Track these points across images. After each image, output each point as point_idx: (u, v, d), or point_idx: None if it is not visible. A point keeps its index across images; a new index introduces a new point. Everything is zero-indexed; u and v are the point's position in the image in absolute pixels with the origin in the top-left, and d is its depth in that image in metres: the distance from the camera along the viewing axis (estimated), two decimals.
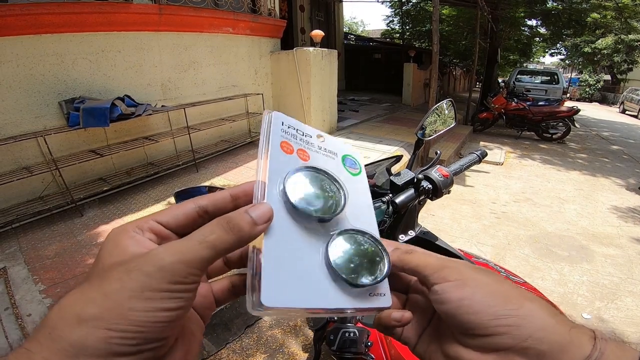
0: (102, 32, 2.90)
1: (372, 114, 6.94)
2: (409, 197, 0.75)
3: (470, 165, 0.90)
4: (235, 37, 4.12)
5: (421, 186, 0.77)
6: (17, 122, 2.53)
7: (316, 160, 0.33)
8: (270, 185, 0.28)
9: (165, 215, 0.25)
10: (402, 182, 0.78)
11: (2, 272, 2.06)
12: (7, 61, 2.44)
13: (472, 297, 0.24)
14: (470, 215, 3.39)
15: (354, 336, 0.59)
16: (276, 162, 0.29)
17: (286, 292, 0.24)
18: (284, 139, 0.31)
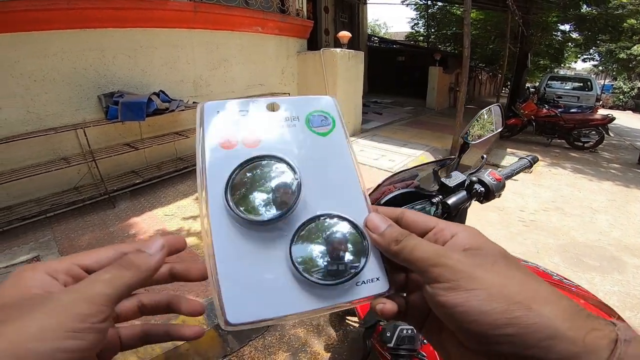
0: (141, 28, 3.02)
1: (395, 117, 6.88)
2: (462, 198, 0.74)
3: (521, 170, 0.87)
4: (264, 37, 4.19)
5: (474, 189, 0.75)
6: (58, 114, 2.67)
7: (269, 140, 0.28)
8: (212, 194, 0.25)
9: (88, 259, 0.24)
10: (453, 184, 0.77)
11: (35, 260, 2.10)
12: (53, 54, 2.57)
13: (467, 304, 0.21)
14: (497, 222, 3.30)
15: (412, 333, 0.59)
16: (215, 165, 0.26)
17: (252, 305, 0.24)
18: (222, 132, 0.27)
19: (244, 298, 0.24)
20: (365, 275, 0.26)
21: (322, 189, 0.27)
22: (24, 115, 2.52)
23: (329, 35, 7.43)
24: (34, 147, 2.55)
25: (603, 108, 14.64)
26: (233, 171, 0.26)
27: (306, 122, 0.29)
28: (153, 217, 2.63)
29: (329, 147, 0.29)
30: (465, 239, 0.25)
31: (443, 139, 5.24)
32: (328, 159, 0.29)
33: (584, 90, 8.91)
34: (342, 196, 0.27)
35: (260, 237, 0.25)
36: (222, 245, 0.24)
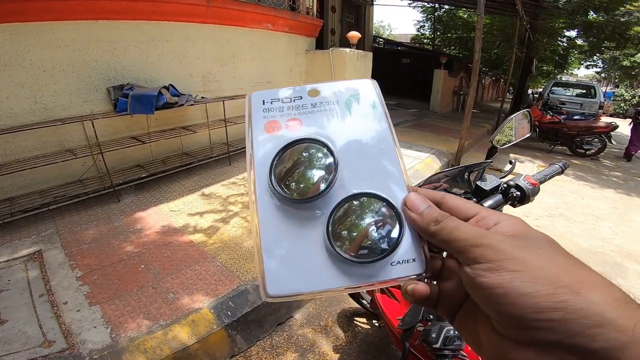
0: (154, 21, 3.00)
1: (400, 119, 6.88)
2: (497, 202, 0.74)
3: (553, 175, 0.87)
4: (274, 34, 4.18)
5: (510, 192, 0.75)
6: (66, 105, 2.64)
7: (310, 123, 0.29)
8: (258, 175, 0.27)
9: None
10: (489, 187, 0.76)
11: (37, 255, 2.05)
12: (64, 45, 2.54)
13: (509, 285, 0.20)
14: None
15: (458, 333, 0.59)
16: (262, 148, 0.28)
17: (290, 279, 0.25)
18: (268, 119, 0.30)
19: (283, 273, 0.25)
20: (401, 256, 0.26)
21: (361, 169, 0.28)
22: (31, 105, 2.49)
23: (335, 35, 7.42)
24: (39, 138, 2.52)
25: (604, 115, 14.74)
26: (276, 154, 0.27)
27: (346, 106, 0.30)
28: (159, 212, 2.61)
29: (369, 128, 0.30)
30: (509, 227, 0.24)
31: (448, 142, 5.24)
32: (367, 140, 0.29)
33: (588, 97, 8.93)
34: (381, 177, 0.28)
35: (301, 215, 0.27)
36: (266, 223, 0.26)
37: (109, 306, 1.65)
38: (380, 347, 1.73)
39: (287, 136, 0.28)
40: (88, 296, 1.72)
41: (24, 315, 1.61)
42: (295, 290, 0.25)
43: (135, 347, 1.44)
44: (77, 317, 1.59)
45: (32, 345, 1.43)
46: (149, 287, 1.80)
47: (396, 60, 11.34)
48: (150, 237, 2.27)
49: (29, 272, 1.91)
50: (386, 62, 10.80)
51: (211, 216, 2.58)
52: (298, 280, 0.25)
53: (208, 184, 3.17)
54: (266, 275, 0.25)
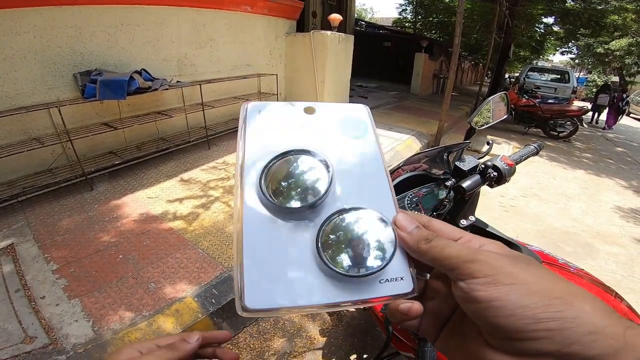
0: (124, 5, 2.84)
1: (381, 101, 6.91)
2: (476, 182, 0.75)
3: (528, 156, 0.89)
4: (252, 17, 4.04)
5: (487, 173, 0.76)
6: (29, 92, 2.47)
7: (305, 137, 0.29)
8: (247, 182, 0.27)
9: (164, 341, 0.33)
10: (468, 167, 0.77)
11: (10, 249, 1.98)
12: (24, 32, 2.37)
13: (505, 298, 0.20)
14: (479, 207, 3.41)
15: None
16: (253, 156, 0.28)
17: (271, 292, 0.24)
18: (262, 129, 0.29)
19: (265, 284, 0.24)
20: (390, 274, 0.26)
21: (352, 186, 0.28)
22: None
23: (316, 17, 7.23)
24: (3, 127, 2.37)
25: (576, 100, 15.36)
26: (269, 162, 0.27)
27: (340, 125, 0.31)
28: (135, 199, 2.53)
29: (361, 149, 0.30)
30: (495, 249, 0.24)
31: (428, 124, 5.31)
32: (359, 160, 0.30)
33: (562, 82, 9.21)
34: (371, 195, 0.28)
35: (290, 225, 0.26)
36: (252, 230, 0.25)
37: (88, 299, 1.61)
38: (365, 330, 1.78)
39: (281, 146, 0.28)
40: (66, 289, 1.66)
41: (2, 312, 1.55)
42: (277, 304, 0.24)
43: (120, 340, 1.41)
44: (57, 312, 1.54)
45: (13, 342, 1.39)
46: (129, 277, 1.76)
47: (378, 43, 11.27)
48: (127, 226, 2.21)
49: (2, 267, 1.83)
50: (368, 46, 10.72)
51: (191, 202, 2.53)
52: (280, 293, 0.24)
53: (187, 169, 3.09)
54: (246, 285, 0.23)
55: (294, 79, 4.74)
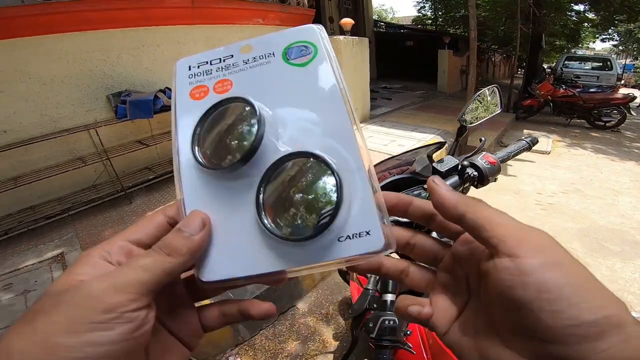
0: (142, 27, 3.06)
1: (405, 101, 6.78)
2: (453, 184, 0.73)
3: (518, 152, 0.85)
4: (265, 28, 4.16)
5: (466, 173, 0.74)
6: (70, 115, 2.76)
7: (241, 82, 0.26)
8: (182, 147, 0.25)
9: (137, 232, 0.24)
10: (445, 168, 0.75)
11: (60, 257, 2.21)
12: (58, 58, 2.64)
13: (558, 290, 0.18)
14: (513, 206, 3.22)
15: (394, 324, 0.58)
16: (186, 117, 0.26)
17: (223, 263, 0.23)
18: (194, 85, 0.27)
19: (216, 256, 0.23)
20: (352, 229, 0.21)
21: (301, 127, 0.24)
22: (38, 118, 2.61)
23: (333, 22, 7.30)
24: (51, 148, 2.65)
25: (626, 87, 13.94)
26: (198, 121, 0.25)
27: (282, 56, 0.26)
28: None
29: (309, 78, 0.25)
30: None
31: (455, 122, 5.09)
32: (307, 91, 0.25)
33: (604, 70, 8.69)
34: (326, 133, 0.24)
35: (231, 188, 0.23)
36: (193, 200, 0.24)
37: None
38: None
39: (215, 100, 0.25)
40: None
41: None
42: (229, 274, 0.22)
43: None
44: None
45: None
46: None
47: (400, 43, 11.08)
48: None
49: (53, 273, 2.07)
50: (390, 47, 10.59)
51: None
52: (231, 263, 0.23)
53: None
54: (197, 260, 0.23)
55: None
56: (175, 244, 0.21)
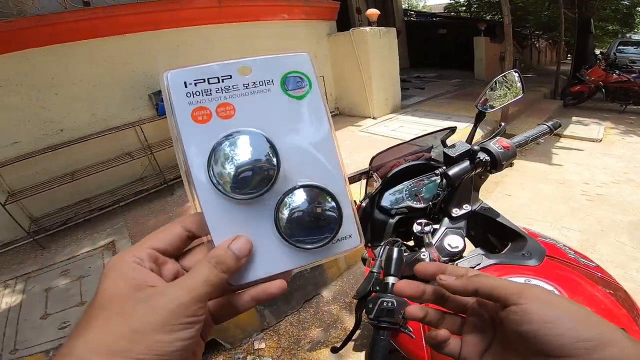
0: (174, 29, 3.24)
1: (440, 90, 6.54)
2: (464, 169, 0.72)
3: (538, 137, 0.81)
4: (291, 23, 4.20)
5: (477, 158, 0.73)
6: (117, 114, 3.01)
7: (244, 109, 0.28)
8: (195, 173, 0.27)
9: (160, 242, 0.27)
10: (456, 153, 0.75)
11: (111, 245, 2.45)
12: (103, 61, 2.89)
13: (556, 320, 0.25)
14: (556, 196, 3.01)
15: (392, 306, 0.58)
16: (192, 141, 0.27)
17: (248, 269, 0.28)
18: (194, 106, 0.27)
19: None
20: (341, 234, 0.29)
21: (300, 158, 0.29)
22: (90, 117, 2.90)
23: (361, 14, 7.17)
24: (102, 145, 2.92)
25: None
26: (212, 150, 0.26)
27: (281, 85, 0.29)
28: None
29: (306, 112, 0.29)
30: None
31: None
32: (305, 126, 0.29)
33: None
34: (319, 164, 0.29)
35: (248, 209, 0.28)
36: (214, 219, 0.27)
37: None
38: None
39: (220, 126, 0.27)
40: None
41: None
42: (254, 277, 0.28)
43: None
44: None
45: None
46: None
47: (432, 32, 10.63)
48: None
49: (104, 260, 2.29)
50: (421, 35, 10.21)
51: None
52: (255, 268, 0.28)
53: None
54: None
55: (341, 78, 4.78)
56: (229, 264, 0.26)
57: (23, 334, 1.76)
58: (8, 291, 2.15)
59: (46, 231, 2.66)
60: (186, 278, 0.25)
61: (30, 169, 2.66)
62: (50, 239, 2.66)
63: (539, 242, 0.74)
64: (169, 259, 0.28)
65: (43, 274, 2.26)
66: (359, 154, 3.46)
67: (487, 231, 0.83)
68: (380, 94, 4.56)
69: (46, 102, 2.70)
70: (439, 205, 0.79)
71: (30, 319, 1.85)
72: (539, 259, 0.68)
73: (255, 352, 1.68)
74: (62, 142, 2.73)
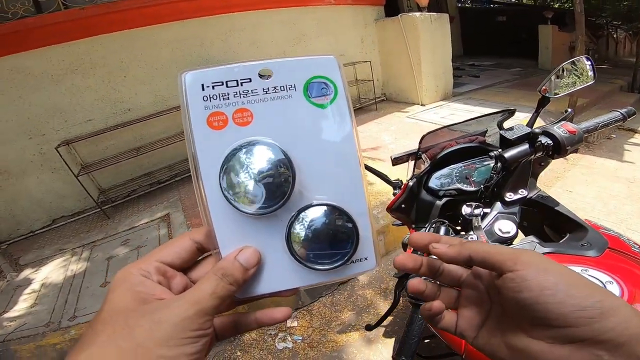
0: (227, 14, 3.40)
1: (497, 79, 6.09)
2: (522, 152, 0.69)
3: (609, 124, 0.75)
4: (338, 8, 4.19)
5: (538, 141, 0.69)
6: (176, 95, 3.19)
7: (262, 116, 0.26)
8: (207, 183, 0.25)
9: (168, 255, 0.27)
10: (514, 136, 0.72)
11: (166, 217, 2.65)
12: (165, 45, 3.12)
13: (555, 287, 0.23)
14: (624, 195, 2.69)
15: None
16: (206, 149, 0.25)
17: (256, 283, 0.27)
18: (210, 110, 0.25)
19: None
20: (357, 255, 0.28)
21: (319, 173, 0.27)
22: (153, 98, 3.16)
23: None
24: (163, 123, 3.18)
25: None
26: (225, 160, 0.25)
27: (304, 91, 0.26)
28: None
29: (329, 123, 0.27)
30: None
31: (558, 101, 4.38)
32: (327, 138, 0.27)
33: None
34: (339, 182, 0.27)
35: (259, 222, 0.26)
36: (223, 231, 0.26)
37: None
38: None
39: (236, 133, 0.25)
40: None
41: None
42: (259, 292, 0.27)
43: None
44: None
45: None
46: None
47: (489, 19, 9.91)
48: None
49: (160, 231, 2.49)
50: (477, 22, 9.54)
51: None
52: (263, 282, 0.27)
53: None
54: None
55: (389, 63, 4.67)
56: (236, 276, 0.25)
57: (83, 301, 1.90)
58: (75, 258, 2.38)
59: (112, 202, 2.97)
60: (192, 291, 0.24)
61: (100, 144, 2.99)
62: (115, 209, 2.96)
63: (603, 234, 0.70)
64: (178, 272, 0.27)
65: (106, 243, 2.49)
66: (406, 139, 3.39)
67: (543, 222, 0.79)
68: (430, 81, 4.39)
69: (116, 84, 3.00)
70: (492, 189, 0.77)
71: (92, 287, 2.01)
72: (600, 250, 0.64)
73: (287, 330, 1.74)
74: (129, 120, 3.02)
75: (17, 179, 2.76)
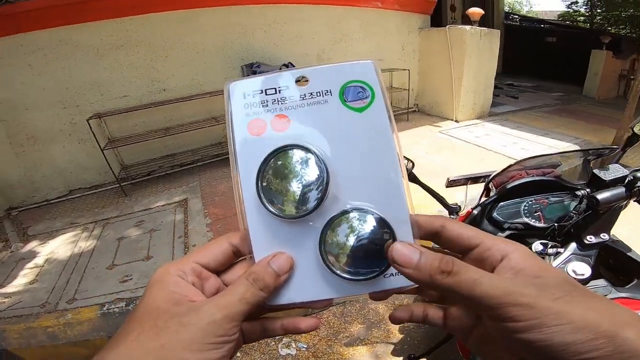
0: (274, 5, 3.38)
1: (537, 102, 5.85)
2: (617, 195, 0.61)
3: None
4: (384, 12, 4.11)
5: (637, 187, 0.61)
6: (212, 80, 3.27)
7: (299, 121, 0.26)
8: (245, 186, 0.26)
9: (205, 257, 0.26)
10: (609, 177, 0.64)
11: (184, 202, 2.62)
12: (211, 29, 3.14)
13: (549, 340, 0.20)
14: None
15: None
16: (245, 153, 0.26)
17: (286, 290, 0.26)
18: (251, 118, 0.26)
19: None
20: (392, 269, 0.26)
21: (356, 177, 0.26)
22: (189, 81, 3.19)
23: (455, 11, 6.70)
24: (194, 107, 3.21)
25: None
26: (261, 165, 0.25)
27: (340, 96, 0.27)
28: None
29: (366, 126, 0.26)
30: (520, 261, 0.23)
31: (602, 132, 4.10)
32: (364, 141, 0.26)
33: None
34: (377, 186, 0.26)
35: (293, 228, 0.26)
36: (258, 235, 0.26)
37: None
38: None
39: (274, 139, 0.26)
40: None
41: (164, 254, 2.00)
42: (290, 300, 0.27)
43: None
44: None
45: None
46: None
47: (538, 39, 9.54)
48: None
49: (176, 216, 2.45)
50: (523, 41, 9.21)
51: None
52: (293, 290, 0.26)
53: None
54: None
55: (427, 74, 4.55)
56: (267, 281, 0.25)
57: (86, 282, 1.82)
58: (85, 235, 2.33)
59: (132, 179, 3.02)
60: (222, 295, 0.24)
61: (131, 120, 3.04)
62: (134, 187, 2.99)
63: None
64: (213, 275, 0.27)
65: (120, 222, 2.45)
66: (437, 155, 3.28)
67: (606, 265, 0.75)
68: (468, 97, 4.24)
69: (157, 63, 3.04)
70: (569, 228, 0.69)
71: (97, 268, 1.94)
72: None
73: (293, 336, 1.69)
74: (162, 100, 3.06)
75: (44, 145, 2.84)
